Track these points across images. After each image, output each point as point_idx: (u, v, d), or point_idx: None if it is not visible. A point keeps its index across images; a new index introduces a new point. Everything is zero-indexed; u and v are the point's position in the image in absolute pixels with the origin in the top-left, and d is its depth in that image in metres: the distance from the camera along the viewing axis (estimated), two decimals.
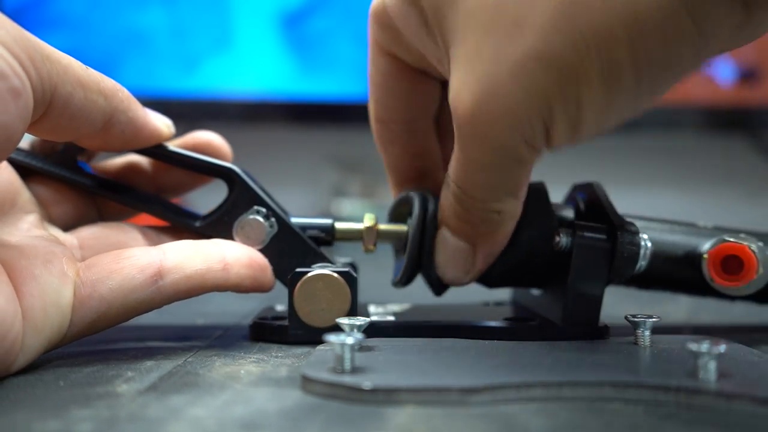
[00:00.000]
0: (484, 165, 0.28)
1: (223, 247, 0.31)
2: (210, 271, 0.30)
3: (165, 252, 0.29)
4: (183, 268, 0.29)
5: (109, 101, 0.28)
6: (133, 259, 0.29)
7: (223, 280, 0.30)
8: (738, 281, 0.31)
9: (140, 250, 0.29)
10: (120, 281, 0.28)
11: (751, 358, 0.27)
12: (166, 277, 0.29)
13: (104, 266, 0.28)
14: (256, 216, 0.32)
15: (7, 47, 0.23)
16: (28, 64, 0.24)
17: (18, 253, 0.27)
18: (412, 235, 0.32)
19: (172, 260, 0.29)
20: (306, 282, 0.31)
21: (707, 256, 0.31)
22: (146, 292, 0.28)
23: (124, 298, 0.28)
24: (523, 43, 0.24)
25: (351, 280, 0.31)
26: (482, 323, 0.32)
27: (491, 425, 0.20)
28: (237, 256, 0.31)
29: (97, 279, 0.28)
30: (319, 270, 0.31)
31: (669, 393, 0.22)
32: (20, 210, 0.30)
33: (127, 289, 0.28)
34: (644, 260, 0.31)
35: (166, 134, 0.31)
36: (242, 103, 0.89)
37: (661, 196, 0.98)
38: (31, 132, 0.27)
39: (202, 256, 0.30)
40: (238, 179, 0.32)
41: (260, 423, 0.20)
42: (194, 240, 0.31)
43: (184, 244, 0.30)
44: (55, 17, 0.86)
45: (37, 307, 0.26)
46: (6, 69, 0.23)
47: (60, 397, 0.23)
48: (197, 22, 0.87)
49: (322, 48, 0.88)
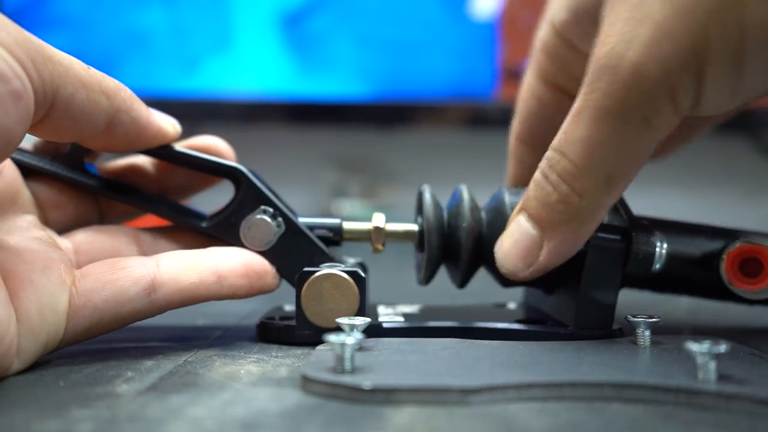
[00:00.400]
0: (618, 119, 0.26)
1: (218, 257, 0.31)
2: (203, 284, 0.30)
3: (159, 264, 0.29)
4: (176, 282, 0.29)
5: (111, 101, 0.28)
6: (127, 270, 0.29)
7: (216, 292, 0.30)
8: (757, 284, 0.30)
9: (134, 261, 0.29)
10: (114, 292, 0.28)
11: (751, 358, 0.27)
12: (159, 291, 0.29)
13: (99, 276, 0.28)
14: (263, 216, 0.32)
15: (8, 49, 0.23)
16: (29, 65, 0.24)
17: (17, 257, 0.27)
18: (429, 229, 0.32)
19: (165, 273, 0.29)
20: (313, 282, 0.30)
21: (725, 258, 0.30)
22: (139, 304, 0.29)
23: (118, 309, 0.28)
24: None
25: (359, 280, 0.30)
26: (493, 325, 0.31)
27: (491, 425, 0.20)
28: (231, 266, 0.31)
29: (91, 289, 0.28)
30: (327, 270, 0.31)
31: (669, 393, 0.22)
32: (20, 210, 0.30)
33: (120, 300, 0.28)
34: (659, 262, 0.30)
35: (171, 134, 0.31)
36: (242, 103, 0.89)
37: (661, 196, 0.98)
38: (34, 133, 0.27)
39: (195, 269, 0.30)
40: (244, 179, 0.32)
41: (260, 423, 0.20)
42: (188, 250, 0.31)
43: (178, 256, 0.30)
44: (55, 17, 0.86)
45: (33, 311, 0.26)
46: (7, 71, 0.23)
47: (60, 397, 0.23)
48: (197, 22, 0.87)
49: (322, 48, 0.88)
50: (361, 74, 0.88)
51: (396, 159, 0.94)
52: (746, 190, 0.99)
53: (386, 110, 0.89)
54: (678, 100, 0.26)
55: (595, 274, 0.30)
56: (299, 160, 1.00)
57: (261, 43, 0.88)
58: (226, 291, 0.30)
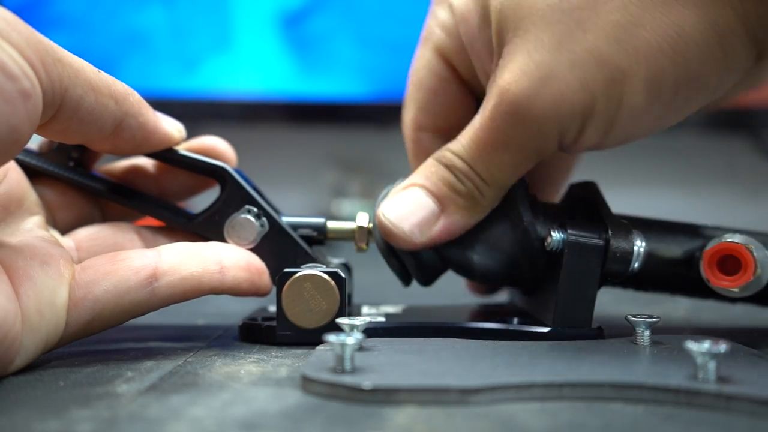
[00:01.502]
0: (509, 148, 0.29)
1: (221, 250, 0.31)
2: (206, 273, 0.30)
3: (161, 254, 0.29)
4: (179, 271, 0.29)
5: (120, 105, 0.28)
6: (128, 261, 0.29)
7: (219, 283, 0.30)
8: (735, 282, 0.30)
9: (136, 252, 0.29)
10: (114, 283, 0.28)
11: (751, 358, 0.26)
12: (161, 279, 0.29)
13: (99, 268, 0.28)
14: (247, 215, 0.32)
15: (18, 49, 0.23)
16: (38, 66, 0.24)
17: (16, 253, 0.27)
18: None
19: (167, 262, 0.29)
20: (294, 282, 0.30)
21: (703, 256, 0.31)
22: (141, 294, 0.28)
23: (119, 299, 0.28)
24: (584, 42, 0.27)
25: (339, 281, 0.30)
26: (471, 325, 0.32)
27: (491, 425, 0.20)
28: (234, 259, 0.31)
29: (91, 280, 0.28)
30: (308, 270, 0.31)
31: (669, 393, 0.22)
32: (26, 211, 0.30)
33: (121, 290, 0.28)
34: (638, 261, 0.30)
35: (176, 138, 0.32)
36: (242, 103, 0.89)
37: (661, 196, 0.98)
38: (41, 133, 0.27)
39: (198, 259, 0.30)
40: (229, 178, 0.32)
41: (260, 423, 0.20)
42: (191, 242, 0.31)
43: (181, 246, 0.30)
44: (55, 17, 0.86)
45: (32, 307, 0.26)
46: (16, 71, 0.23)
47: (60, 397, 0.23)
48: (197, 22, 0.87)
49: (322, 48, 0.88)
50: (361, 74, 0.88)
51: (396, 159, 0.94)
52: (746, 190, 0.99)
53: (386, 110, 0.89)
54: (562, 137, 0.29)
55: (574, 273, 0.30)
56: (299, 160, 1.00)
57: (261, 43, 0.88)
58: (229, 282, 0.30)
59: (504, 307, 0.38)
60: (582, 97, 0.28)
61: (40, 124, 0.25)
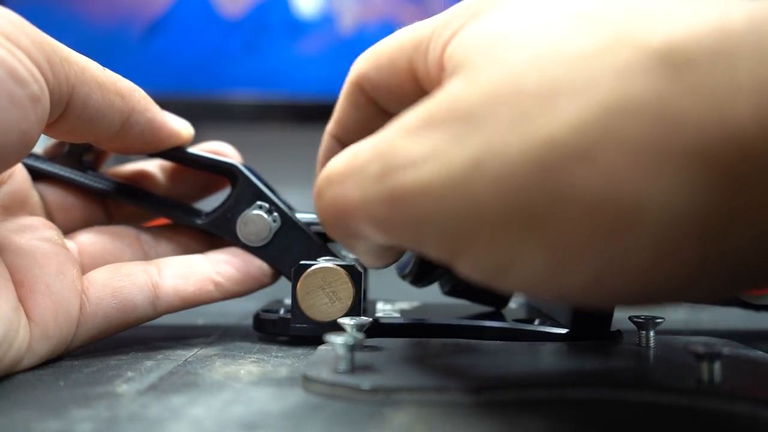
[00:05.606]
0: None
1: (216, 263, 0.32)
2: (201, 292, 0.31)
3: (161, 271, 0.30)
4: (177, 291, 0.30)
5: (126, 101, 0.28)
6: (132, 277, 0.30)
7: (215, 299, 0.31)
8: (764, 290, 0.29)
9: (137, 268, 0.30)
10: (122, 301, 0.29)
11: (751, 359, 0.26)
12: (161, 299, 0.30)
13: (106, 284, 0.29)
14: (259, 211, 0.32)
15: (26, 52, 0.23)
16: (46, 67, 0.24)
17: (30, 259, 0.27)
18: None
19: (167, 280, 0.30)
20: (309, 275, 0.30)
21: None
22: (144, 311, 0.30)
23: (125, 316, 0.29)
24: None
25: (355, 275, 0.30)
26: (489, 324, 0.31)
27: (491, 425, 0.20)
28: (228, 274, 0.32)
29: (101, 297, 0.29)
30: (323, 263, 0.30)
31: (670, 394, 0.22)
32: (29, 213, 0.30)
33: (128, 308, 0.29)
34: None
35: (185, 136, 0.32)
36: (246, 103, 0.89)
37: None
38: (49, 133, 0.27)
39: (194, 278, 0.31)
40: (240, 175, 0.32)
41: (260, 423, 0.20)
42: (187, 256, 0.32)
43: (176, 263, 0.31)
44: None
45: (49, 316, 0.27)
46: (26, 76, 0.23)
47: (60, 397, 0.23)
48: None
49: (322, 47, 0.88)
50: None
51: None
52: None
53: None
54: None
55: None
56: (301, 160, 1.00)
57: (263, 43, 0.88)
58: (224, 297, 0.32)
59: (521, 308, 0.37)
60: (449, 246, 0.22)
61: (48, 124, 0.25)
